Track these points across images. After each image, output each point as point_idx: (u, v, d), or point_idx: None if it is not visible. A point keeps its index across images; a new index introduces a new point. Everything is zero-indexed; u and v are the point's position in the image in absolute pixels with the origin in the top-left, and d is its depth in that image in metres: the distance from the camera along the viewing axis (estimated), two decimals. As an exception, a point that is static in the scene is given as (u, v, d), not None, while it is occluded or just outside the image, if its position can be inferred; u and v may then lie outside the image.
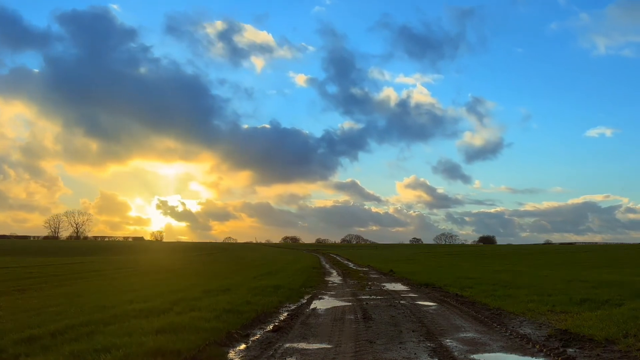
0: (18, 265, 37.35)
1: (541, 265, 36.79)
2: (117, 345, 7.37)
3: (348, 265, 40.07)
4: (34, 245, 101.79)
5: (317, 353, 7.85)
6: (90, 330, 8.91)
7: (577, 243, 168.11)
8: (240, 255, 69.31)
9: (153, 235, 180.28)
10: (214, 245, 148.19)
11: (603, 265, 34.94)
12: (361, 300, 15.05)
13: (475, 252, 76.00)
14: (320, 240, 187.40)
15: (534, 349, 8.00)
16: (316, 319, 11.40)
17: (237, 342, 8.66)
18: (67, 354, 7.00)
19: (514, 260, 47.66)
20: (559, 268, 31.68)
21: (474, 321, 10.85)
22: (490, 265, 36.11)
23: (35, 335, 8.37)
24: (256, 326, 10.26)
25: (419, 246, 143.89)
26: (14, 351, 7.39)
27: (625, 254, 58.77)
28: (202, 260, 53.95)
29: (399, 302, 14.30)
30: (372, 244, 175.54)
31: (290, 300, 14.73)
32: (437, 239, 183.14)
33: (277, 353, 7.82)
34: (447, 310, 12.62)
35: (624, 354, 7.44)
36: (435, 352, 7.77)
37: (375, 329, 9.85)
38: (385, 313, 12.11)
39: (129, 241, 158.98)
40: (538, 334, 9.16)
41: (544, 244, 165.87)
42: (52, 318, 10.58)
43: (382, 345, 8.28)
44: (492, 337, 9.05)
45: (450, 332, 9.60)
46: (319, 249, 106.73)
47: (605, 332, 8.64)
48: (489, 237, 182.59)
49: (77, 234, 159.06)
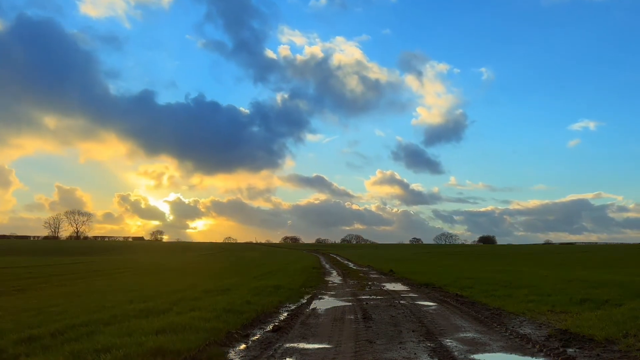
0: (18, 265, 37.36)
1: (541, 265, 36.80)
2: (117, 345, 7.37)
3: (348, 265, 40.08)
4: (34, 245, 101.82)
5: (317, 353, 7.85)
6: (90, 330, 8.91)
7: (577, 243, 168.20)
8: (240, 255, 69.31)
9: (153, 236, 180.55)
10: (214, 245, 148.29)
11: (603, 265, 34.94)
12: (361, 300, 15.05)
13: (474, 252, 76.02)
14: (320, 240, 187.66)
15: (534, 349, 8.00)
16: (316, 319, 11.40)
17: (237, 342, 8.66)
18: (67, 354, 7.00)
19: (513, 260, 47.66)
20: (558, 268, 31.68)
21: (473, 321, 10.85)
22: (489, 265, 36.12)
23: (35, 335, 8.37)
24: (256, 326, 10.26)
25: (418, 246, 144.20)
26: (14, 351, 7.39)
27: (625, 254, 58.78)
28: (201, 260, 53.96)
29: (399, 302, 14.30)
30: (372, 244, 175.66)
31: (290, 300, 14.74)
32: (437, 239, 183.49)
33: (277, 353, 7.82)
34: (447, 310, 12.62)
35: (624, 354, 7.44)
36: (435, 352, 7.76)
37: (375, 329, 9.85)
38: (385, 313, 12.11)
39: (129, 241, 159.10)
40: (538, 334, 9.16)
41: (543, 244, 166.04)
42: (52, 318, 10.58)
43: (382, 345, 8.28)
44: (492, 337, 9.05)
45: (450, 332, 9.60)
46: (319, 249, 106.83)
47: (605, 332, 8.63)
48: (488, 237, 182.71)
49: (77, 234, 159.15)
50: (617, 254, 59.47)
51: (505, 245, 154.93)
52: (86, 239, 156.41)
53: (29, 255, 63.71)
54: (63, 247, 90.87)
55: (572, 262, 40.77)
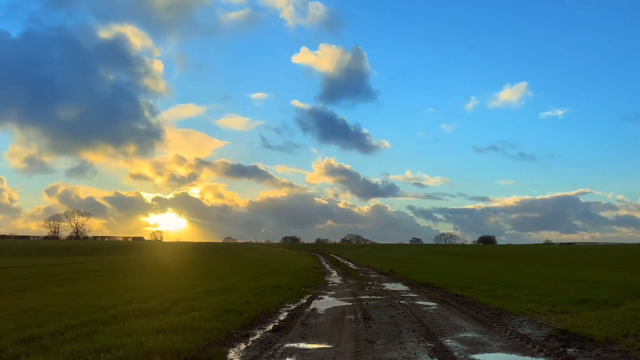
0: (18, 265, 37.35)
1: (541, 265, 36.79)
2: (117, 345, 7.37)
3: (348, 265, 40.08)
4: (34, 245, 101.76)
5: (317, 353, 7.84)
6: (90, 330, 8.91)
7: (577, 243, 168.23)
8: (240, 255, 69.30)
9: (153, 235, 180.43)
10: (214, 245, 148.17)
11: (602, 265, 34.95)
12: (361, 300, 15.05)
13: (474, 252, 76.03)
14: (320, 240, 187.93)
15: (534, 349, 7.99)
16: (316, 319, 11.40)
17: (237, 342, 8.66)
18: (67, 354, 7.00)
19: (513, 260, 47.66)
20: (558, 268, 31.68)
21: (473, 321, 10.85)
22: (489, 265, 36.12)
23: (35, 335, 8.37)
24: (256, 326, 10.26)
25: (418, 246, 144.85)
26: (14, 351, 7.39)
27: (625, 254, 58.81)
28: (201, 260, 53.94)
29: (398, 302, 14.30)
30: (372, 244, 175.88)
31: (290, 300, 14.73)
32: (437, 239, 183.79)
33: (277, 353, 7.81)
34: (447, 310, 12.62)
35: (624, 354, 7.44)
36: (435, 352, 7.76)
37: (375, 329, 9.85)
38: (385, 313, 12.11)
39: (129, 241, 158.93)
40: (538, 334, 9.16)
41: (543, 244, 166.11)
42: (52, 318, 10.59)
43: (382, 345, 8.28)
44: (492, 337, 9.05)
45: (450, 332, 9.60)
46: (319, 249, 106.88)
47: (605, 332, 8.63)
48: (488, 237, 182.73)
49: (77, 234, 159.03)
50: (616, 254, 59.49)
51: (505, 245, 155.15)
52: (86, 239, 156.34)
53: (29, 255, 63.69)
54: (63, 247, 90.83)
55: (572, 262, 40.77)
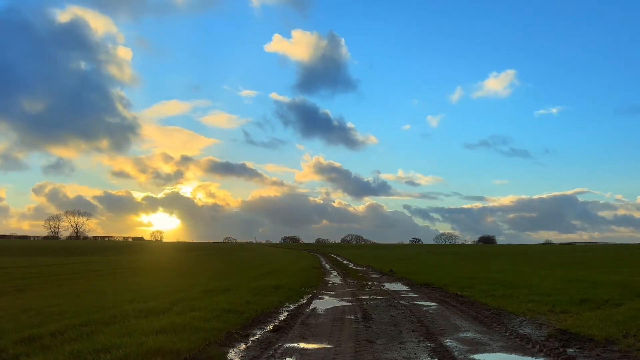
0: (18, 266, 37.34)
1: (540, 265, 36.78)
2: (117, 345, 7.37)
3: (348, 265, 40.07)
4: (34, 245, 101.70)
5: (317, 353, 7.84)
6: (90, 330, 8.91)
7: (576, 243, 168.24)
8: (240, 255, 69.29)
9: (153, 235, 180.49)
10: (214, 245, 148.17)
11: (602, 265, 34.93)
12: (361, 300, 15.05)
13: (474, 252, 76.01)
14: (320, 240, 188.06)
15: (534, 349, 7.99)
16: (316, 319, 11.40)
17: (237, 342, 8.66)
18: (67, 354, 7.00)
19: (513, 260, 47.65)
20: (558, 268, 31.66)
21: (474, 321, 10.85)
22: (489, 265, 36.11)
23: (35, 335, 8.37)
24: (256, 326, 10.26)
25: (418, 246, 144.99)
26: (14, 351, 7.39)
27: (625, 254, 58.80)
28: (201, 260, 53.95)
29: (398, 302, 14.30)
30: (372, 244, 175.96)
31: (290, 300, 14.73)
32: (437, 239, 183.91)
33: (277, 353, 7.81)
34: (447, 310, 12.62)
35: (624, 354, 7.44)
36: (435, 352, 7.76)
37: (375, 329, 9.85)
38: (385, 313, 12.11)
39: (129, 241, 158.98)
40: (538, 334, 9.16)
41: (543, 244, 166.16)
42: (52, 318, 10.58)
43: (382, 345, 8.28)
44: (492, 337, 9.05)
45: (450, 332, 9.60)
46: (319, 249, 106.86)
47: (605, 332, 8.64)
48: (488, 237, 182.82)
49: (77, 234, 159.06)
50: (616, 254, 59.48)
51: (505, 245, 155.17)
52: (86, 239, 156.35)
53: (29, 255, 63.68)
54: (63, 247, 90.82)
55: (572, 262, 40.75)
